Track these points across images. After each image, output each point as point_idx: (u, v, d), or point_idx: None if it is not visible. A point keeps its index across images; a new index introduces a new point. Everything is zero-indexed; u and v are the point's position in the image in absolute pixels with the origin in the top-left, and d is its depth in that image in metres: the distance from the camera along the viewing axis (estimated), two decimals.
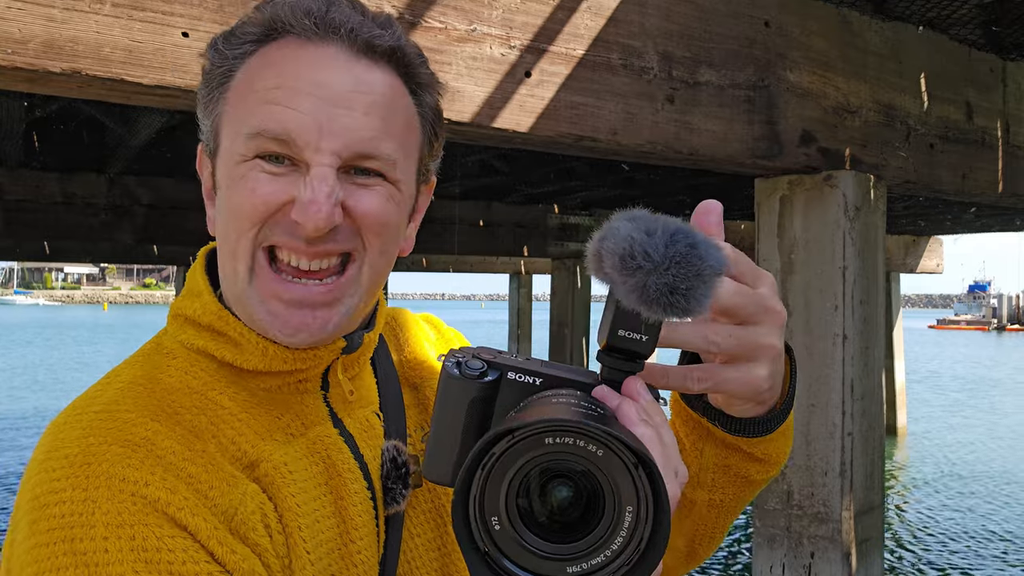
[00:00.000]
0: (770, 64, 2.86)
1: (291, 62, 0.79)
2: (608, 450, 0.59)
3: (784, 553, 3.15)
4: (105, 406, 0.76)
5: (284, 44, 0.81)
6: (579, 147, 2.52)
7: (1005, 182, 3.79)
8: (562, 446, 0.59)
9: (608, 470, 0.59)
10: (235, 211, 0.80)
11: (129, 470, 0.71)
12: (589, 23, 2.41)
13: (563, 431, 0.59)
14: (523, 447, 0.60)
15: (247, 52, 0.82)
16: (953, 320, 79.26)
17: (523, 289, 16.94)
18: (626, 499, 0.59)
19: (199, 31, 1.82)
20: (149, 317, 61.68)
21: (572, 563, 0.60)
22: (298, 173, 0.79)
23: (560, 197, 8.66)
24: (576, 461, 0.60)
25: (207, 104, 0.85)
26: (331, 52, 0.80)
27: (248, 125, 0.79)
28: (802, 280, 3.14)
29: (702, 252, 0.66)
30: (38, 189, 6.71)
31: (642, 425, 0.65)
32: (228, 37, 0.83)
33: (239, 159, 0.80)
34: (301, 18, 0.80)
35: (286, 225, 0.79)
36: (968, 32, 3.46)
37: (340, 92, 0.78)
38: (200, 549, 0.70)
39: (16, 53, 1.63)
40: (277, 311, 0.80)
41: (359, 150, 0.79)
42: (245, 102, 0.80)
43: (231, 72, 0.82)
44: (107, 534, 0.68)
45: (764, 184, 3.24)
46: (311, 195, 0.77)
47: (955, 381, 24.82)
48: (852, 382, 3.05)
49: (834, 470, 3.04)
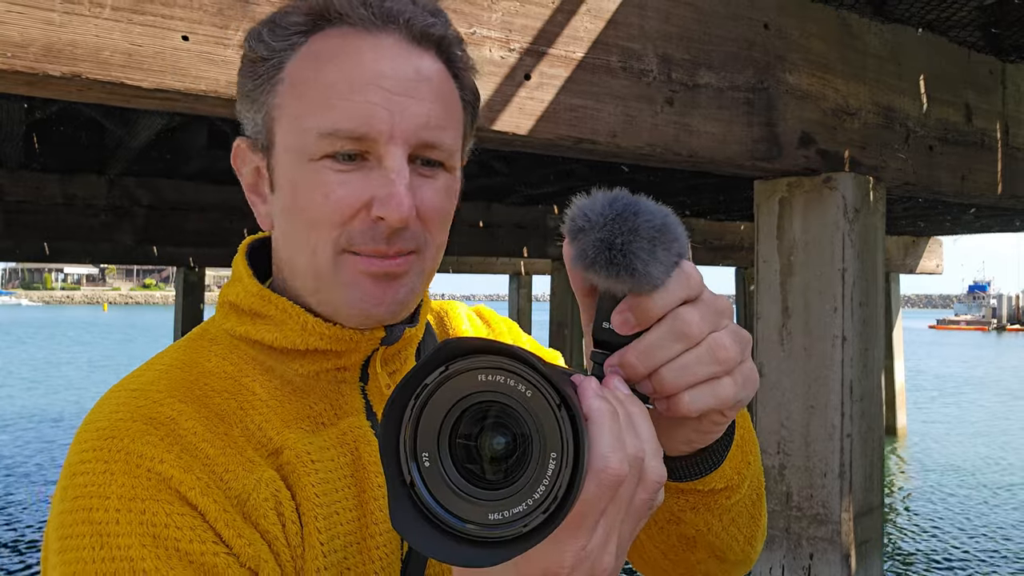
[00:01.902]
0: (769, 66, 2.86)
1: (353, 54, 0.78)
2: (536, 391, 0.57)
3: (783, 554, 3.15)
4: (140, 385, 0.79)
5: (338, 34, 0.80)
6: (578, 149, 2.52)
7: (1004, 183, 3.79)
8: (494, 384, 0.58)
9: (536, 412, 0.57)
10: (308, 216, 0.80)
11: (147, 447, 0.73)
12: (588, 26, 2.42)
13: (495, 368, 0.58)
14: (456, 383, 0.59)
15: (296, 43, 0.81)
16: (953, 320, 79.28)
17: (523, 290, 16.94)
18: (551, 444, 0.57)
19: (198, 34, 1.82)
20: (148, 318, 61.63)
21: (495, 509, 0.58)
22: (367, 168, 0.79)
23: (560, 198, 8.66)
24: (507, 400, 0.58)
25: (254, 97, 0.83)
26: (390, 42, 0.79)
27: (319, 123, 0.78)
28: (801, 282, 3.14)
29: (641, 210, 0.66)
30: (38, 190, 6.72)
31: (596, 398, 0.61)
32: (273, 28, 0.81)
33: (307, 158, 0.79)
34: (357, 7, 0.79)
35: (366, 229, 0.79)
36: (968, 34, 3.46)
37: (404, 82, 0.78)
38: (208, 529, 0.72)
39: (16, 57, 1.64)
40: (363, 284, 0.80)
41: (426, 139, 0.79)
42: (307, 98, 0.79)
43: (281, 64, 0.81)
44: (119, 506, 0.70)
45: (763, 186, 3.24)
46: (390, 189, 0.77)
47: (955, 381, 24.82)
48: (851, 383, 3.05)
49: (833, 471, 3.05)
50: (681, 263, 0.68)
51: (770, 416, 3.18)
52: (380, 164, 0.78)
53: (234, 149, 0.88)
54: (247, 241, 0.92)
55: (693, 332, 0.67)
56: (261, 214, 0.87)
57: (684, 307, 0.68)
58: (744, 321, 12.58)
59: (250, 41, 0.83)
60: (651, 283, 0.66)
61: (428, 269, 0.84)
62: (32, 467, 11.12)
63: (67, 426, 14.49)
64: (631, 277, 0.66)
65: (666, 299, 0.67)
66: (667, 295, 0.67)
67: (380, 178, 0.78)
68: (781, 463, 3.15)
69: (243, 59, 0.84)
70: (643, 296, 0.67)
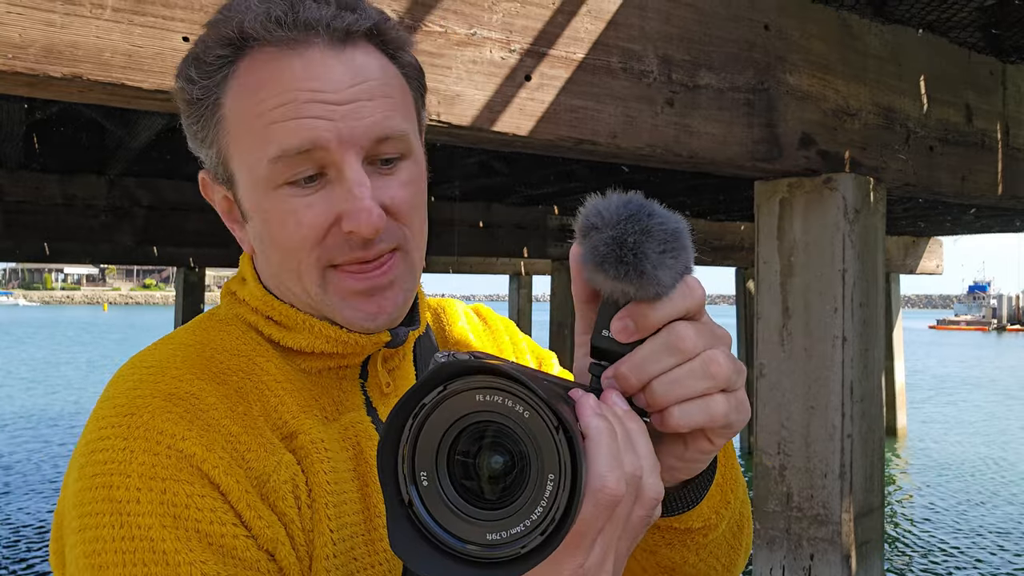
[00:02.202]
0: (770, 67, 2.86)
1: (283, 75, 0.78)
2: (533, 412, 0.57)
3: (784, 555, 3.15)
4: (157, 362, 0.78)
5: (263, 58, 0.78)
6: (579, 150, 2.52)
7: (1005, 184, 3.79)
8: (491, 404, 0.58)
9: (533, 434, 0.57)
10: (284, 244, 0.80)
11: (168, 423, 0.72)
12: (589, 27, 2.42)
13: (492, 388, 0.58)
14: (454, 403, 0.59)
15: (225, 75, 0.80)
16: (953, 320, 79.27)
17: (523, 290, 16.93)
18: (548, 466, 0.57)
19: (199, 35, 1.82)
20: (149, 318, 61.62)
21: (493, 529, 0.57)
22: (329, 185, 0.79)
23: (560, 199, 8.67)
24: (504, 421, 0.58)
25: (202, 136, 0.83)
26: (316, 53, 0.78)
27: (266, 150, 0.78)
28: (802, 282, 3.14)
29: (655, 212, 0.67)
30: (38, 191, 6.72)
31: (595, 416, 0.61)
32: (199, 65, 0.80)
33: (266, 187, 0.79)
34: (272, 28, 0.77)
35: (340, 244, 0.79)
36: (968, 35, 3.46)
37: (342, 89, 0.78)
38: (229, 510, 0.72)
39: (16, 58, 1.63)
40: (356, 302, 0.81)
41: (378, 135, 0.79)
42: (251, 129, 0.79)
43: (218, 100, 0.80)
44: (140, 485, 0.70)
45: (764, 187, 3.24)
46: (354, 203, 0.77)
47: (955, 382, 24.81)
48: (852, 384, 3.05)
49: (833, 472, 3.05)
50: (686, 278, 0.68)
51: (770, 417, 3.18)
52: (340, 176, 0.78)
53: (200, 181, 0.88)
54: None
55: (687, 347, 0.67)
56: (241, 239, 0.87)
57: (681, 322, 0.68)
58: (744, 321, 12.57)
59: (181, 82, 0.82)
60: (656, 288, 0.66)
61: (416, 260, 0.85)
62: (30, 466, 11.12)
63: (65, 426, 14.48)
64: (639, 278, 0.65)
65: (667, 309, 0.67)
66: (669, 305, 0.67)
67: (343, 193, 0.78)
68: (782, 464, 3.15)
69: (180, 100, 0.83)
70: (645, 304, 0.67)
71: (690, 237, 0.69)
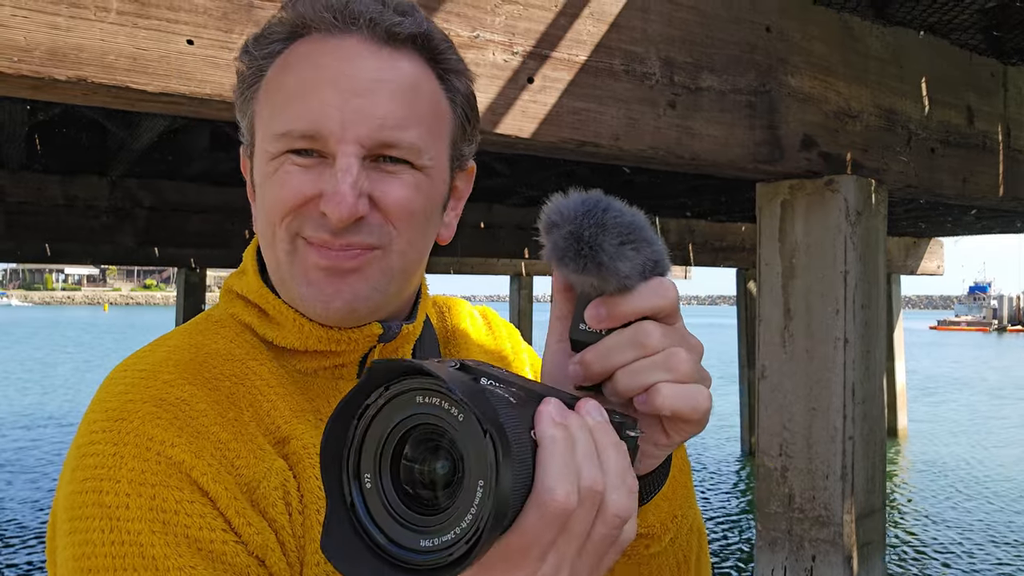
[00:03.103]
0: (771, 69, 2.87)
1: (314, 57, 0.80)
2: (467, 414, 0.56)
3: (785, 556, 3.16)
4: (149, 366, 0.78)
5: (308, 41, 0.81)
6: (581, 152, 2.53)
7: (1006, 186, 3.80)
8: (431, 406, 0.57)
9: (467, 438, 0.56)
10: (269, 205, 0.82)
11: (158, 430, 0.72)
12: (592, 29, 2.42)
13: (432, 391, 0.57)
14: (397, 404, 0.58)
15: (275, 52, 0.83)
16: (954, 321, 79.24)
17: (524, 291, 16.93)
18: (478, 472, 0.55)
19: (203, 38, 1.82)
20: (149, 318, 61.63)
21: (427, 536, 0.56)
22: (325, 165, 0.79)
23: None
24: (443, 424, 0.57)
25: (241, 106, 0.86)
26: (352, 43, 0.80)
27: (276, 124, 0.80)
28: (803, 284, 3.14)
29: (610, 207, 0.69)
30: (40, 191, 6.72)
31: (550, 425, 0.59)
32: (258, 39, 0.84)
33: (270, 156, 0.81)
34: (321, 12, 0.80)
35: (315, 218, 0.79)
36: (969, 37, 3.46)
37: (361, 81, 0.78)
38: (218, 516, 0.72)
39: (22, 61, 1.64)
40: (315, 279, 0.81)
41: (382, 138, 0.79)
42: (272, 101, 0.81)
43: (261, 73, 0.83)
44: (129, 491, 0.70)
45: (765, 188, 3.25)
46: (335, 187, 0.77)
47: (956, 382, 24.81)
48: (853, 386, 3.06)
49: (835, 473, 3.05)
50: (662, 279, 0.70)
51: (772, 418, 3.19)
52: (334, 163, 0.79)
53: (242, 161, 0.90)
54: None
55: (652, 343, 0.68)
56: (254, 217, 0.88)
57: (650, 321, 0.69)
58: (746, 323, 12.57)
59: (240, 53, 0.85)
60: (617, 279, 0.68)
61: (396, 265, 0.83)
62: (21, 467, 11.12)
63: (54, 427, 14.49)
64: (598, 270, 0.67)
65: (636, 302, 0.69)
66: (638, 298, 0.69)
67: (330, 176, 0.78)
68: (783, 465, 3.16)
69: (237, 74, 0.86)
70: (615, 295, 0.69)
71: (653, 231, 0.70)
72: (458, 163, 0.89)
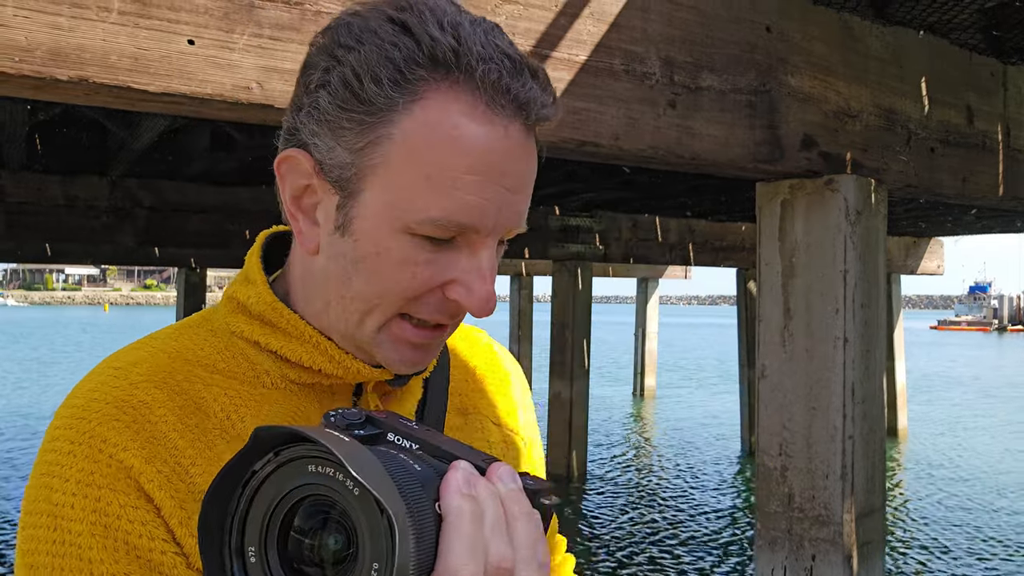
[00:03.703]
0: (771, 69, 2.87)
1: (484, 143, 0.72)
2: (363, 490, 0.51)
3: (785, 556, 3.16)
4: (124, 365, 0.77)
5: (466, 101, 0.71)
6: (581, 152, 2.53)
7: (1006, 185, 3.80)
8: (323, 477, 0.53)
9: (363, 513, 0.52)
10: (385, 287, 0.76)
11: (113, 432, 0.71)
12: (592, 29, 2.43)
13: (326, 460, 0.53)
14: (286, 471, 0.54)
15: (415, 94, 0.72)
16: (954, 321, 79.21)
17: (524, 291, 16.94)
18: (374, 553, 0.51)
19: (204, 38, 1.83)
20: (149, 318, 61.67)
21: None
22: (455, 249, 0.75)
23: (561, 199, 8.67)
24: (337, 497, 0.53)
25: (343, 135, 0.74)
26: (517, 135, 0.73)
27: (431, 209, 0.72)
28: (803, 283, 3.15)
29: None
30: (40, 191, 6.72)
31: (456, 496, 0.56)
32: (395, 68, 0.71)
33: (405, 230, 0.74)
34: (491, 69, 0.71)
35: (435, 302, 0.76)
36: (969, 36, 3.47)
37: (519, 180, 0.75)
38: (160, 525, 0.70)
39: (23, 61, 1.64)
40: (404, 352, 0.79)
41: (517, 229, 0.78)
42: (425, 175, 0.72)
43: (393, 115, 0.72)
44: (76, 491, 0.70)
45: (765, 188, 3.25)
46: (482, 285, 0.75)
47: (956, 382, 24.82)
48: (853, 385, 3.06)
49: (835, 473, 3.05)
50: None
51: (772, 418, 3.19)
52: (469, 249, 0.75)
53: (287, 158, 0.78)
54: (265, 235, 0.88)
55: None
56: (305, 234, 0.79)
57: None
58: (746, 322, 12.58)
59: (355, 67, 0.72)
60: None
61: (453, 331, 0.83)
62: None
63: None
64: None
65: None
66: None
67: (468, 265, 0.75)
68: (783, 465, 3.16)
69: (341, 83, 0.73)
70: None
71: None
72: None
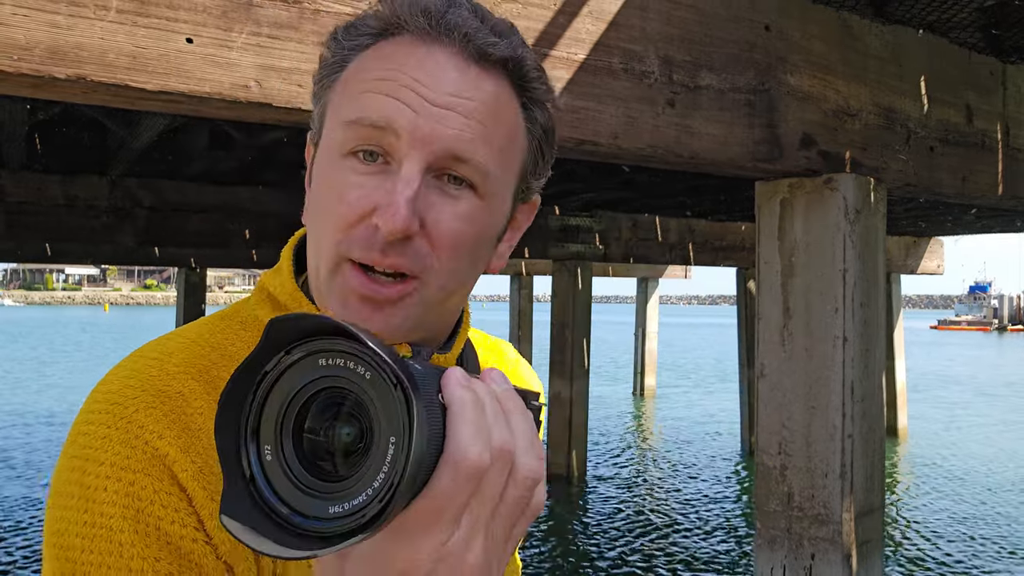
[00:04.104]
0: (770, 68, 2.87)
1: (399, 58, 0.77)
2: (374, 371, 0.54)
3: (785, 555, 3.16)
4: (160, 354, 0.78)
5: (399, 41, 0.78)
6: (580, 151, 2.53)
7: (1005, 184, 3.80)
8: (335, 368, 0.55)
9: (375, 395, 0.54)
10: (323, 214, 0.79)
11: (150, 420, 0.73)
12: (590, 27, 2.42)
13: (334, 351, 0.55)
14: (297, 369, 0.56)
15: (363, 45, 0.80)
16: (954, 321, 79.21)
17: (524, 290, 16.94)
18: (390, 428, 0.53)
19: (203, 36, 1.83)
20: (149, 318, 61.65)
21: (336, 501, 0.54)
22: (386, 175, 0.76)
23: (560, 199, 8.67)
24: (350, 386, 0.55)
25: (317, 92, 0.83)
26: (442, 54, 0.77)
27: (348, 111, 0.77)
28: (803, 282, 3.15)
29: None
30: (40, 191, 6.73)
31: (459, 387, 0.59)
32: (348, 28, 0.81)
33: (336, 151, 0.78)
34: (418, 15, 0.77)
35: (365, 238, 0.76)
36: (968, 35, 3.47)
37: (441, 94, 0.76)
38: (192, 514, 0.71)
39: (22, 59, 1.64)
40: (352, 304, 0.78)
41: (452, 150, 0.75)
42: (349, 91, 0.79)
43: (344, 63, 0.80)
44: (110, 474, 0.70)
45: (764, 187, 3.25)
46: (393, 197, 0.74)
47: (956, 382, 24.81)
48: (852, 384, 3.06)
49: (834, 472, 3.05)
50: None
51: (771, 417, 3.19)
52: (398, 171, 0.76)
53: (306, 148, 0.87)
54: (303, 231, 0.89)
55: None
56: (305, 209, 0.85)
57: None
58: (745, 322, 12.58)
59: (328, 39, 0.83)
60: None
61: (435, 297, 0.79)
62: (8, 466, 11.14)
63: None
64: None
65: None
66: None
67: (390, 187, 0.75)
68: (782, 464, 3.16)
69: (319, 58, 0.84)
70: None
71: None
72: (523, 195, 0.86)
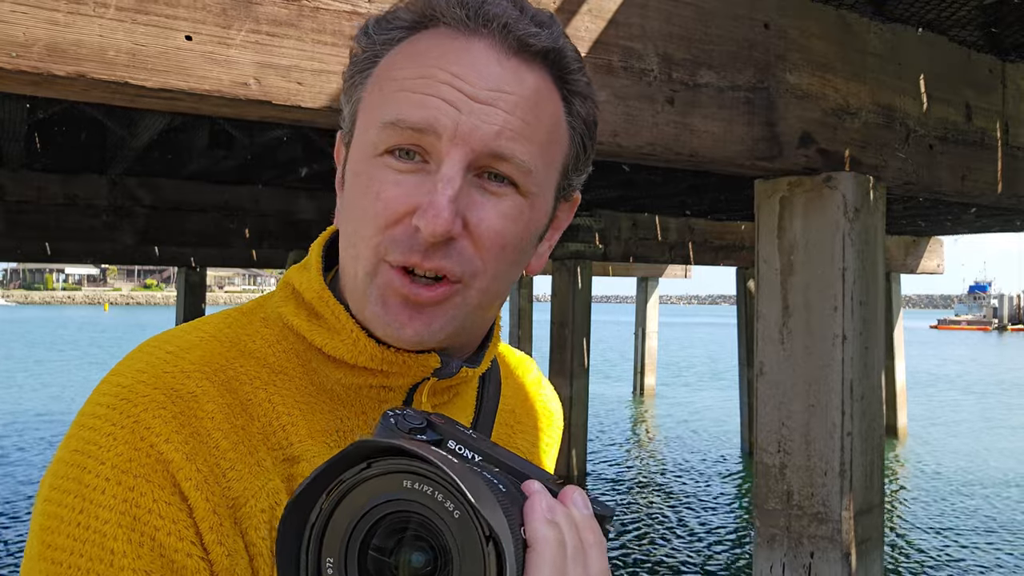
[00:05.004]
0: (770, 66, 2.87)
1: (436, 52, 0.74)
2: (464, 513, 0.51)
3: (784, 553, 3.16)
4: (176, 348, 0.75)
5: (434, 34, 0.76)
6: None
7: (1005, 183, 3.80)
8: (419, 494, 0.52)
9: (460, 537, 0.51)
10: (358, 215, 0.76)
11: (158, 421, 0.69)
12: (590, 25, 2.43)
13: (422, 476, 0.52)
14: (376, 484, 0.53)
15: (395, 39, 0.77)
16: (954, 320, 79.22)
17: (523, 290, 16.95)
18: (470, 570, 0.51)
19: (202, 34, 1.83)
20: (149, 318, 61.64)
21: None
22: (425, 174, 0.73)
23: None
24: (430, 515, 0.52)
25: (349, 90, 0.80)
26: (480, 47, 0.74)
27: (384, 113, 0.74)
28: (802, 281, 3.15)
29: None
30: (40, 190, 6.73)
31: (543, 524, 0.57)
32: (379, 22, 0.79)
33: (371, 151, 0.75)
34: (454, 7, 0.75)
35: (405, 240, 0.73)
36: (967, 34, 3.47)
37: (483, 89, 0.73)
38: (191, 526, 0.68)
39: (20, 57, 1.64)
40: (392, 304, 0.75)
41: (493, 148, 0.73)
42: (383, 90, 0.76)
43: (376, 58, 0.78)
44: (110, 475, 0.67)
45: (764, 185, 3.25)
46: (433, 199, 0.71)
47: (956, 381, 24.81)
48: (852, 382, 3.06)
49: (834, 470, 3.05)
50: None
51: (770, 415, 3.19)
52: (438, 170, 0.73)
53: (336, 147, 0.85)
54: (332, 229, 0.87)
55: None
56: (337, 209, 0.82)
57: None
58: (745, 321, 12.58)
59: (359, 34, 0.80)
60: None
61: (476, 301, 0.77)
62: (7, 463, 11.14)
63: None
64: None
65: None
66: None
67: (430, 187, 0.72)
68: (782, 462, 3.16)
69: (351, 55, 0.81)
70: None
71: None
72: (564, 192, 0.83)
